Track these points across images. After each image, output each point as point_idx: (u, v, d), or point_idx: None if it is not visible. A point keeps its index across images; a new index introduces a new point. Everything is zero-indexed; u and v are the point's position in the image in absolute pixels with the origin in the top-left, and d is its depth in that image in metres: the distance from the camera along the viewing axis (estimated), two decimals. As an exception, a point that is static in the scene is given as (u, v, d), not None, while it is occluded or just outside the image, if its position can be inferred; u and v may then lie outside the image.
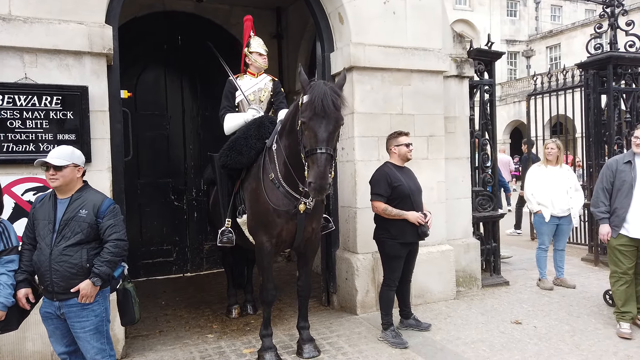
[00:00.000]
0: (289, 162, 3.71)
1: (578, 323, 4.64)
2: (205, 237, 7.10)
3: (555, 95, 7.90)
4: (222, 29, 7.34)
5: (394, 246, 4.18)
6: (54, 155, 2.87)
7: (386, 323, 4.28)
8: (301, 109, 3.34)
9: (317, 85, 3.32)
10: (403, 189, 4.15)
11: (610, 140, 6.80)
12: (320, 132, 3.23)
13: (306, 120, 3.25)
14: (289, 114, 3.80)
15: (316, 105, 3.21)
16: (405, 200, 4.15)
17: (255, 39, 4.76)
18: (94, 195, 2.97)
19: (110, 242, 2.86)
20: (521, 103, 25.75)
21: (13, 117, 3.71)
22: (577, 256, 7.31)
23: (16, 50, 3.73)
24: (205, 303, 5.62)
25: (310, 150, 3.25)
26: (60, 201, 2.91)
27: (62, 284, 2.79)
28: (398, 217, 4.10)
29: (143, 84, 6.90)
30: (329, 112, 3.24)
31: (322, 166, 3.18)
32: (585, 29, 29.87)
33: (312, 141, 3.25)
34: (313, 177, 3.19)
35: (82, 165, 2.99)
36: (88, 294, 2.80)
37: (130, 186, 5.72)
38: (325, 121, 3.25)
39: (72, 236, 2.81)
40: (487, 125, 6.12)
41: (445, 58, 5.45)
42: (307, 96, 3.29)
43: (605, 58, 6.80)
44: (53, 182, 2.86)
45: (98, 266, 2.82)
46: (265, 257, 3.93)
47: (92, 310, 2.87)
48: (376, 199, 4.17)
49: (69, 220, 2.83)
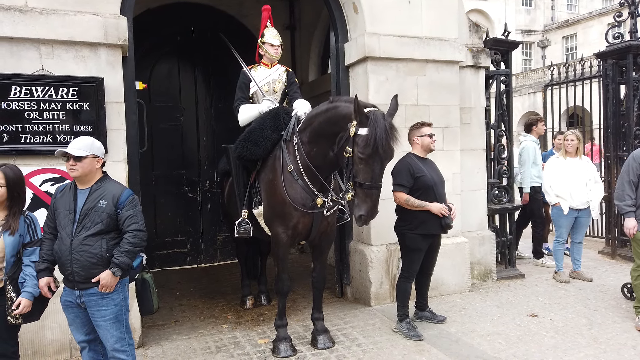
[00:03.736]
0: (313, 163, 3.74)
1: (595, 316, 4.58)
2: (219, 228, 7.14)
3: (573, 86, 7.76)
4: (235, 20, 7.32)
5: (415, 238, 4.13)
6: (74, 146, 2.89)
7: (402, 315, 4.27)
8: (356, 140, 3.31)
9: (377, 120, 3.27)
10: (426, 180, 4.09)
11: (629, 131, 6.67)
12: (377, 169, 3.32)
13: (364, 157, 3.28)
14: (316, 116, 3.76)
15: (378, 146, 3.24)
16: (428, 192, 4.09)
17: (269, 30, 4.73)
18: (113, 186, 2.98)
19: (130, 233, 2.88)
20: (536, 94, 25.37)
21: (31, 108, 3.74)
22: (594, 249, 7.22)
23: (33, 42, 3.75)
24: (220, 294, 5.66)
25: (363, 184, 3.32)
26: (81, 191, 2.92)
27: (82, 273, 2.82)
28: (420, 208, 4.04)
29: (157, 75, 6.92)
30: (389, 151, 3.33)
31: (375, 200, 3.34)
32: (602, 18, 29.31)
33: (367, 176, 3.31)
34: (365, 210, 3.32)
35: (102, 157, 3.00)
36: (108, 284, 2.83)
37: (145, 178, 5.75)
38: (382, 160, 3.33)
39: (92, 226, 2.83)
40: (503, 116, 6.04)
41: (461, 48, 5.37)
42: (367, 131, 3.26)
43: (625, 47, 6.66)
44: (72, 172, 2.88)
45: (118, 256, 2.84)
46: (281, 247, 3.93)
47: (112, 299, 2.89)
48: (398, 190, 4.10)
49: (89, 210, 2.85)
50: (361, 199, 3.34)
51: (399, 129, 5.01)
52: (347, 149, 3.36)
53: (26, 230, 2.97)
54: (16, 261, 2.94)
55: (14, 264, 2.93)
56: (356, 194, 3.36)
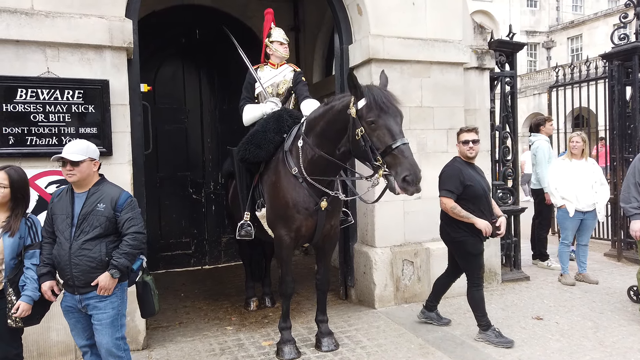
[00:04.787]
0: (318, 165, 3.72)
1: (601, 319, 4.56)
2: (224, 230, 7.14)
3: (578, 87, 7.72)
4: (240, 21, 7.33)
5: (476, 244, 3.98)
6: (70, 151, 2.85)
7: (485, 324, 4.09)
8: (360, 114, 3.28)
9: (371, 87, 3.34)
10: (476, 189, 3.96)
11: (635, 133, 6.63)
12: (394, 126, 3.23)
13: (374, 119, 3.22)
14: (318, 117, 3.76)
15: (381, 103, 3.22)
16: (479, 200, 3.97)
17: (276, 29, 4.76)
18: (111, 188, 2.96)
19: (129, 235, 2.86)
20: (541, 95, 25.25)
21: (36, 111, 3.76)
22: (600, 251, 7.18)
23: (39, 45, 3.77)
24: (224, 295, 5.66)
25: (388, 147, 3.15)
26: (78, 195, 2.90)
27: (82, 278, 2.81)
28: (466, 220, 3.90)
29: (162, 77, 6.95)
30: (394, 106, 3.30)
31: (410, 156, 3.14)
32: (608, 19, 29.14)
33: (387, 138, 3.18)
34: (407, 169, 3.07)
35: (98, 159, 2.98)
36: (106, 286, 2.81)
37: (150, 179, 5.76)
38: (393, 116, 3.27)
39: (91, 230, 2.82)
40: (508, 117, 6.02)
41: (466, 49, 5.36)
42: (366, 99, 3.27)
43: (631, 48, 6.62)
44: (70, 178, 2.86)
45: (116, 258, 2.82)
46: (285, 250, 3.93)
47: (110, 302, 2.88)
48: (446, 195, 3.95)
49: (87, 214, 2.83)
50: (395, 163, 3.12)
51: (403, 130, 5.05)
52: (357, 130, 3.31)
53: (27, 233, 2.96)
54: (17, 264, 2.93)
55: (15, 266, 2.92)
56: (388, 164, 3.15)
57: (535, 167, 6.70)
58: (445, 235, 4.19)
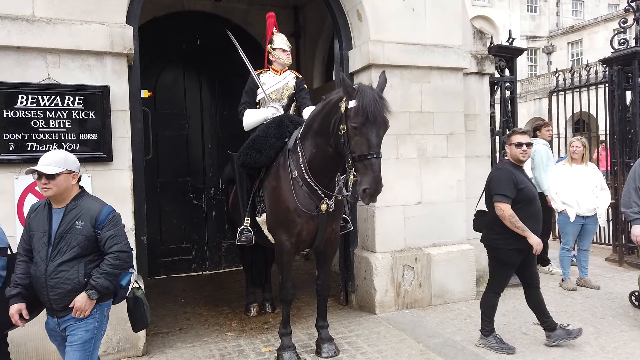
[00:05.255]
0: (316, 166, 3.72)
1: (603, 325, 4.54)
2: (224, 235, 7.14)
3: (578, 92, 7.73)
4: (241, 28, 7.34)
5: (510, 253, 3.89)
6: (45, 162, 2.62)
7: (488, 330, 4.06)
8: (348, 114, 3.29)
9: (365, 91, 3.29)
10: (528, 191, 3.88)
11: (635, 138, 6.63)
12: (373, 137, 3.24)
13: (357, 125, 3.23)
14: (316, 114, 3.76)
15: (368, 112, 3.20)
16: (532, 203, 3.89)
17: (278, 35, 4.76)
18: (91, 203, 2.72)
19: (111, 254, 2.65)
20: (542, 100, 25.28)
21: (37, 117, 3.77)
22: (601, 256, 7.15)
23: (40, 51, 3.79)
24: (224, 301, 5.65)
25: (362, 156, 3.22)
26: (56, 211, 2.67)
27: (59, 301, 2.61)
28: (520, 232, 3.78)
29: (162, 83, 6.97)
30: (380, 118, 3.26)
31: (377, 171, 3.20)
32: (608, 24, 29.23)
33: (363, 147, 3.23)
34: (368, 183, 3.17)
35: (78, 171, 2.75)
36: (82, 307, 2.60)
37: (150, 185, 5.78)
38: (377, 127, 3.26)
39: (68, 250, 2.60)
40: (508, 123, 6.03)
41: (466, 55, 5.37)
42: (356, 102, 3.25)
43: (630, 53, 6.63)
44: (46, 192, 2.63)
45: (95, 278, 2.61)
46: (285, 255, 3.93)
47: (85, 324, 2.66)
48: (502, 201, 3.81)
49: (65, 233, 2.61)
50: (362, 172, 3.21)
51: (403, 135, 5.07)
52: (341, 127, 3.34)
53: None
54: None
55: None
56: (357, 170, 3.24)
57: (534, 172, 6.69)
58: (485, 239, 4.09)
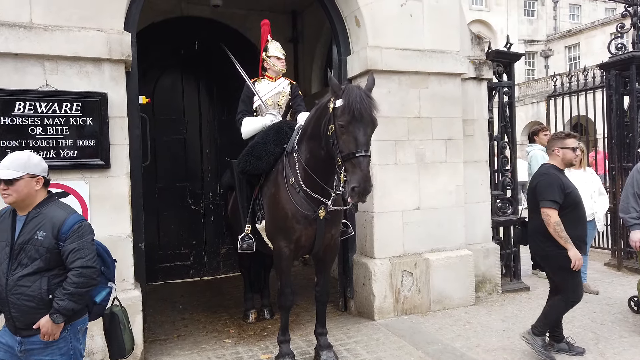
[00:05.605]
0: (310, 167, 3.70)
1: (602, 330, 4.53)
2: (222, 240, 7.13)
3: (576, 96, 7.75)
4: (239, 33, 7.38)
5: (567, 259, 3.69)
6: (3, 166, 2.41)
7: (540, 331, 3.90)
8: (335, 113, 3.29)
9: (351, 90, 3.29)
10: (575, 195, 3.80)
11: (633, 142, 6.64)
12: (360, 135, 3.20)
13: (344, 124, 3.21)
14: (310, 118, 3.76)
15: (354, 109, 3.18)
16: (578, 207, 3.82)
17: (273, 43, 4.76)
18: (55, 211, 2.47)
19: (74, 271, 2.38)
20: (539, 104, 25.36)
21: (34, 123, 3.75)
22: (600, 261, 7.15)
23: (37, 58, 3.78)
24: (223, 307, 5.63)
25: (349, 154, 3.19)
26: (19, 218, 2.46)
27: (22, 319, 2.39)
28: (562, 243, 3.68)
29: (161, 88, 6.97)
30: (367, 115, 3.23)
31: (365, 169, 3.15)
32: (605, 27, 29.33)
33: (351, 145, 3.20)
34: (357, 181, 3.11)
35: (42, 175, 2.49)
36: (49, 332, 2.37)
37: (148, 190, 5.75)
38: (364, 125, 3.23)
39: (30, 263, 2.37)
40: (507, 128, 6.02)
41: (464, 60, 5.38)
42: (342, 100, 3.25)
43: (628, 58, 6.65)
44: (6, 199, 2.41)
45: (58, 300, 2.36)
46: (284, 262, 3.91)
47: (57, 347, 2.45)
48: (550, 206, 3.71)
49: (25, 243, 2.38)
50: (350, 171, 3.17)
51: (401, 141, 5.07)
52: (330, 127, 3.34)
53: None
54: None
55: None
56: (346, 169, 3.21)
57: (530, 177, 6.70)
58: (540, 250, 3.93)
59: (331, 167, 3.54)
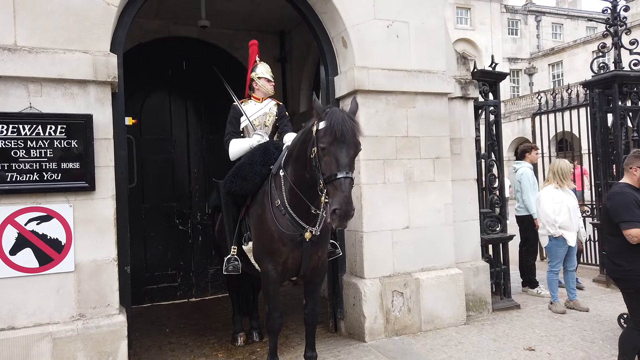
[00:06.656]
0: (296, 189, 3.66)
1: (593, 349, 4.51)
2: (210, 261, 7.02)
3: (561, 114, 7.86)
4: (226, 53, 7.39)
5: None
6: None
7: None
8: (318, 135, 3.28)
9: (334, 112, 3.29)
10: None
11: (618, 159, 6.73)
12: (342, 157, 3.17)
13: (326, 145, 3.19)
14: (296, 141, 3.75)
15: (336, 131, 3.16)
16: None
17: (262, 65, 4.78)
18: None
19: None
20: (525, 120, 25.75)
21: (17, 146, 3.68)
22: (589, 277, 7.18)
23: (21, 80, 3.73)
24: (211, 330, 5.52)
25: (331, 176, 3.15)
26: None
27: None
28: None
29: (148, 108, 6.92)
30: (349, 137, 3.21)
31: (346, 191, 3.10)
32: (587, 45, 30.07)
33: (332, 167, 3.17)
34: (338, 203, 3.05)
35: None
36: None
37: (135, 211, 5.68)
38: (346, 146, 3.20)
39: None
40: (494, 146, 6.08)
41: (450, 80, 5.44)
42: (325, 122, 3.24)
43: (610, 77, 6.78)
44: None
45: None
46: (271, 284, 3.86)
47: None
48: (633, 227, 3.61)
49: None
50: (332, 193, 3.12)
51: (390, 160, 5.07)
52: (312, 149, 3.32)
53: None
54: None
55: None
56: (328, 192, 3.16)
57: (521, 194, 6.75)
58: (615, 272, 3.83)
59: (316, 191, 3.50)
